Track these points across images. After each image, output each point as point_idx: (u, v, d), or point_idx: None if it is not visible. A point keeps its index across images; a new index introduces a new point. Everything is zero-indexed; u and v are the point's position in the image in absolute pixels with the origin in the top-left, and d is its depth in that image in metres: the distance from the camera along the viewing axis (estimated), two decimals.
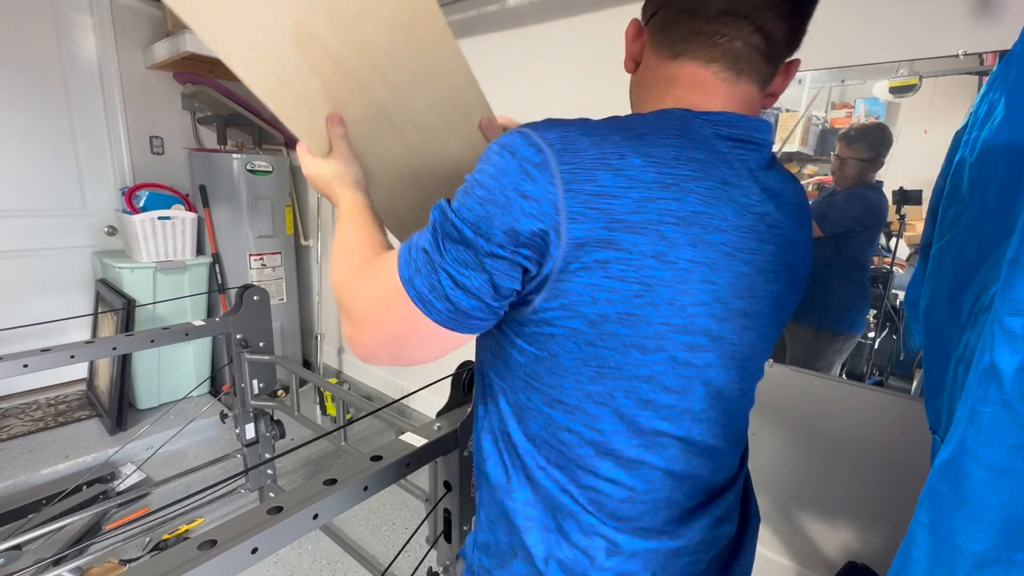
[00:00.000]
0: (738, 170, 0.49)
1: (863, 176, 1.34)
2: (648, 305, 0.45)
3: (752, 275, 0.50)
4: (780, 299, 0.54)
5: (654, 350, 0.47)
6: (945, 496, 0.50)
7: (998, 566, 0.45)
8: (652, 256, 0.44)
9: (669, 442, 0.52)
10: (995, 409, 0.45)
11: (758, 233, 0.50)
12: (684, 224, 0.45)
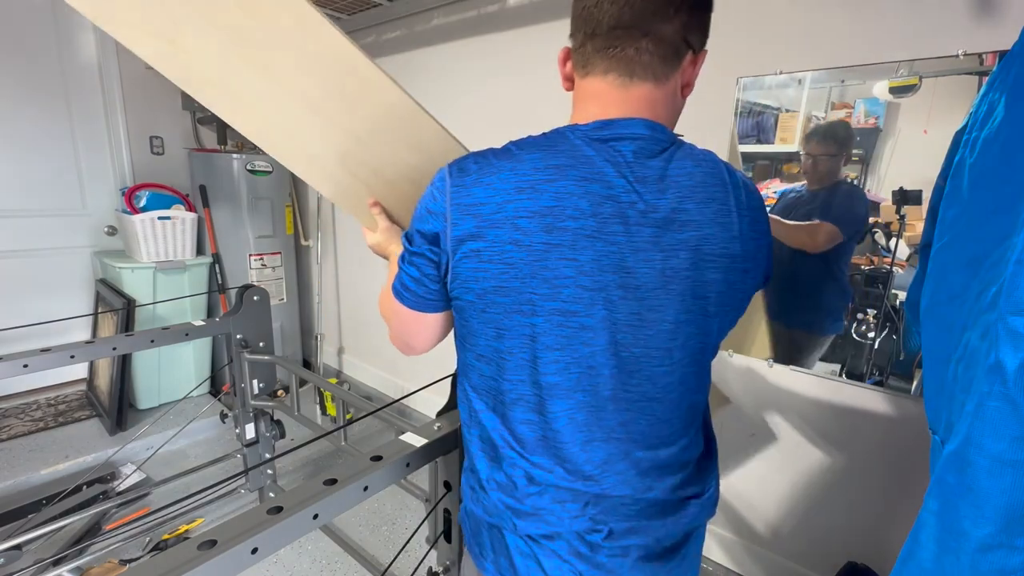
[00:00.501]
0: (601, 168, 0.59)
1: (837, 173, 1.36)
2: (514, 279, 0.59)
3: (622, 253, 0.59)
4: (679, 274, 0.61)
5: (531, 314, 0.60)
6: (951, 485, 0.54)
7: (1000, 550, 0.48)
8: (510, 243, 0.58)
9: (564, 392, 0.63)
10: (999, 403, 0.48)
11: (625, 218, 0.59)
12: (537, 216, 0.58)
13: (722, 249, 0.62)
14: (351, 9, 2.37)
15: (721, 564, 1.74)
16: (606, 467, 0.65)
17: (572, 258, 0.58)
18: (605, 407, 0.64)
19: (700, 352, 0.67)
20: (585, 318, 0.60)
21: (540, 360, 0.62)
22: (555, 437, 0.65)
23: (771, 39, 1.43)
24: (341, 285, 3.17)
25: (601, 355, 0.62)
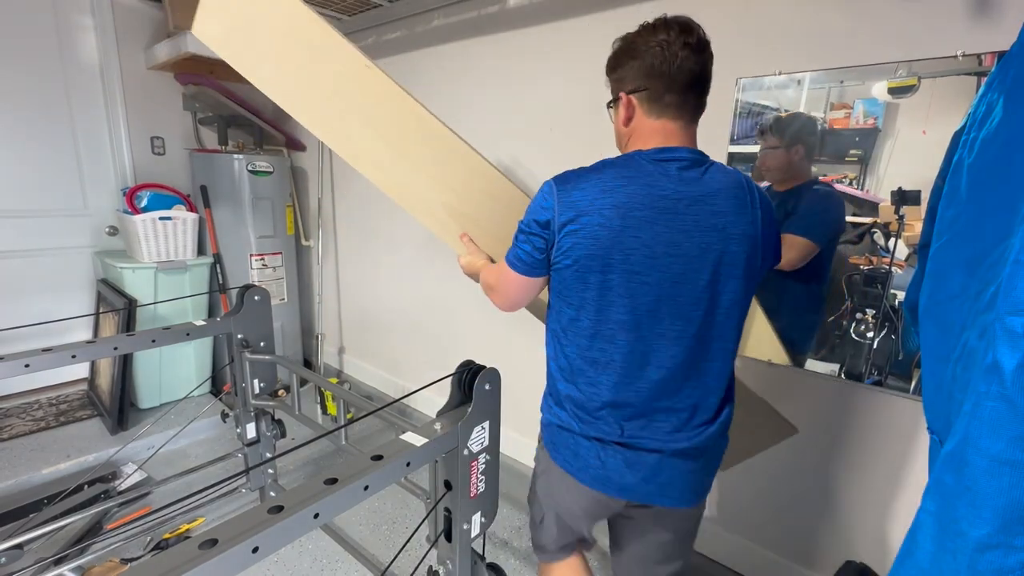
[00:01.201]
0: (656, 177, 0.89)
1: (805, 172, 1.38)
2: (599, 249, 0.88)
3: (672, 233, 0.88)
4: (712, 247, 0.89)
5: (608, 272, 0.89)
6: (949, 485, 0.54)
7: (998, 550, 0.48)
8: (596, 226, 0.87)
9: (628, 328, 0.91)
10: (997, 403, 0.48)
11: (675, 211, 0.88)
12: (615, 208, 0.87)
13: (742, 231, 0.90)
14: (352, 10, 2.37)
15: (721, 563, 1.74)
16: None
17: (637, 235, 0.87)
18: (655, 345, 0.92)
19: (728, 306, 0.93)
20: (646, 276, 0.89)
21: (613, 305, 0.90)
22: (620, 361, 0.93)
23: (770, 40, 1.43)
24: (342, 285, 3.17)
25: (656, 304, 0.90)
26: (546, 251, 0.94)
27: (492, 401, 1.02)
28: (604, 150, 1.85)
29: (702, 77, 0.93)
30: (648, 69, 0.91)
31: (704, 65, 0.92)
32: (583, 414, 0.97)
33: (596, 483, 0.98)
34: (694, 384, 0.94)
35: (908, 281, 1.14)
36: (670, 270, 0.88)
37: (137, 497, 2.01)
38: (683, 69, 0.89)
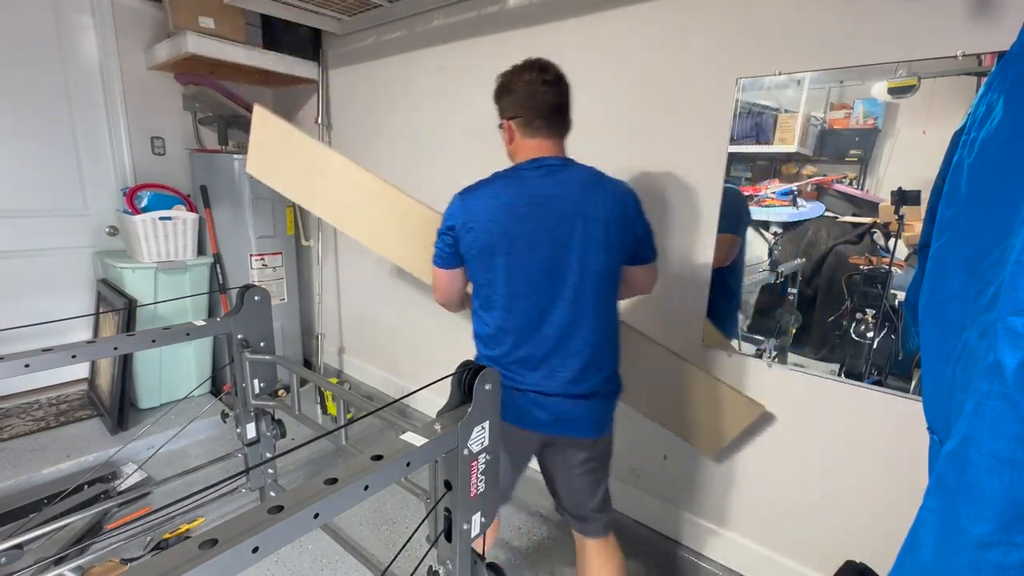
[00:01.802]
0: (532, 180, 1.17)
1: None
2: (492, 239, 1.16)
3: (545, 220, 1.15)
4: (576, 227, 1.15)
5: (502, 255, 1.16)
6: (951, 483, 0.54)
7: (999, 547, 0.49)
8: (488, 222, 1.16)
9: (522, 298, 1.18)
10: (998, 403, 0.49)
11: (547, 203, 1.15)
12: (502, 208, 1.15)
13: (595, 214, 1.16)
14: (352, 10, 2.37)
15: (720, 563, 1.74)
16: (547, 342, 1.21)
17: (520, 225, 1.15)
18: (546, 310, 1.19)
19: (597, 272, 1.18)
20: (530, 255, 1.16)
21: (509, 280, 1.18)
22: (521, 324, 1.20)
23: (770, 40, 1.43)
24: (342, 285, 3.17)
25: (541, 278, 1.17)
26: (455, 247, 1.22)
27: (492, 401, 1.02)
28: (603, 149, 1.85)
29: (561, 105, 1.20)
30: (519, 102, 1.19)
31: (560, 96, 1.20)
32: (502, 370, 1.22)
33: (517, 421, 1.22)
34: (581, 338, 1.20)
35: (908, 281, 1.14)
36: (547, 249, 1.16)
37: (137, 497, 2.01)
38: (545, 101, 1.17)
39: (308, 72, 2.84)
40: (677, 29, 1.60)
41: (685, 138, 1.63)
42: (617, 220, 1.18)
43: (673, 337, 1.75)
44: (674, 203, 1.68)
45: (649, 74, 1.69)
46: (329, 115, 2.96)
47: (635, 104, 1.73)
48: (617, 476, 2.00)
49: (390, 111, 2.59)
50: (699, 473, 1.76)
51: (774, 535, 1.63)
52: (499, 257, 1.16)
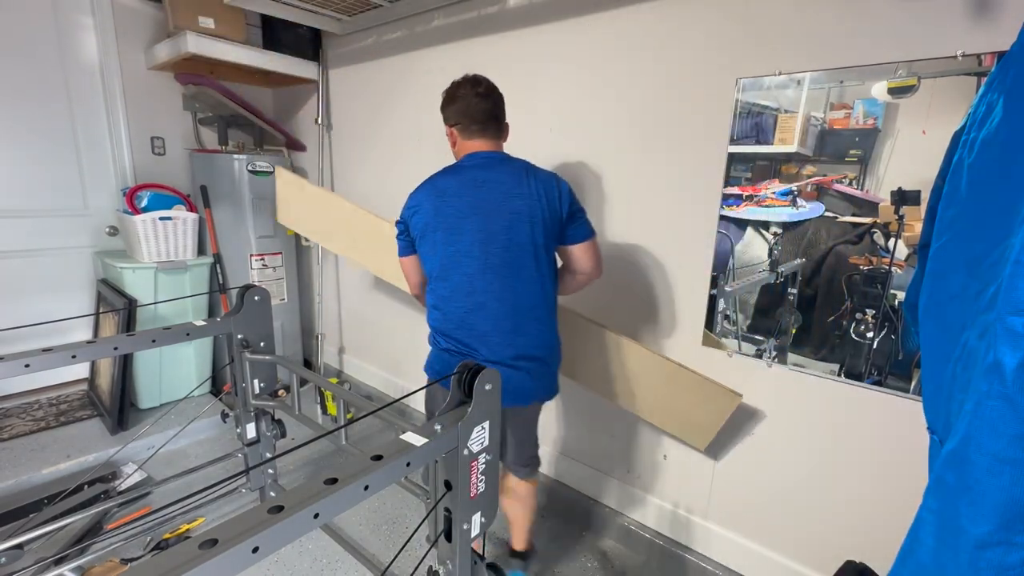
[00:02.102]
0: (468, 169, 1.38)
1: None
2: (432, 219, 1.38)
3: (475, 199, 1.34)
4: (502, 205, 1.34)
5: (439, 231, 1.37)
6: (950, 483, 0.54)
7: (999, 547, 0.49)
8: (427, 207, 1.38)
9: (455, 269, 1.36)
10: (998, 403, 0.48)
11: (477, 185, 1.35)
12: (439, 194, 1.38)
13: (519, 192, 1.35)
14: (352, 10, 2.37)
15: (720, 563, 1.74)
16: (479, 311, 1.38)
17: (452, 205, 1.35)
18: (475, 277, 1.36)
19: (523, 243, 1.36)
20: (460, 229, 1.35)
21: (445, 254, 1.37)
22: (458, 294, 1.37)
23: (770, 40, 1.43)
24: (342, 285, 3.17)
25: (470, 247, 1.35)
26: (407, 234, 1.45)
27: (492, 401, 1.02)
28: (603, 149, 1.85)
29: (493, 113, 1.42)
30: (458, 111, 1.42)
31: (492, 105, 1.42)
32: (444, 338, 1.42)
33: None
34: (511, 306, 1.36)
35: (908, 281, 1.14)
36: (476, 223, 1.34)
37: (137, 497, 2.01)
38: (479, 109, 1.40)
39: (308, 72, 2.84)
40: (677, 29, 1.61)
41: (685, 138, 1.63)
42: (543, 199, 1.36)
43: (674, 337, 1.75)
44: (674, 203, 1.69)
45: (649, 74, 1.69)
46: (329, 115, 2.96)
47: (635, 104, 1.73)
48: (618, 476, 2.00)
49: (390, 111, 2.59)
50: (699, 473, 1.76)
51: (774, 535, 1.63)
52: (437, 233, 1.37)
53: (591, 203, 1.89)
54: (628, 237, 1.82)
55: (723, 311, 1.62)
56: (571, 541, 1.98)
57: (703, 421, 1.65)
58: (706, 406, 1.63)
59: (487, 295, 1.35)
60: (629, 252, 1.82)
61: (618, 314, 1.89)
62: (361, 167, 2.84)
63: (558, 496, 2.15)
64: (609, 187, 1.84)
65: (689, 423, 1.68)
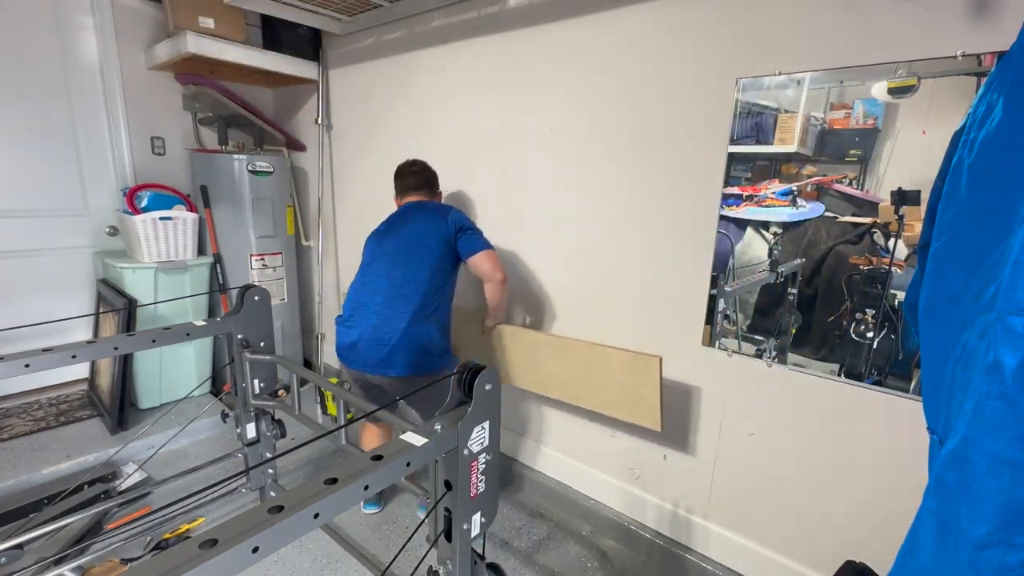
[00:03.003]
0: (403, 213, 1.98)
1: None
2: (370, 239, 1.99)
3: (394, 229, 1.93)
4: (412, 235, 1.87)
5: (368, 247, 1.98)
6: (950, 483, 0.54)
7: (999, 548, 0.49)
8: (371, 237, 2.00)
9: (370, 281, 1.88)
10: (998, 403, 0.48)
11: (399, 221, 1.95)
12: (384, 231, 1.97)
13: (427, 228, 1.86)
14: (352, 10, 2.37)
15: (720, 563, 1.74)
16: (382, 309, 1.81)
17: (379, 237, 1.95)
18: (384, 284, 1.82)
19: (418, 265, 1.81)
20: (379, 247, 1.91)
21: (363, 261, 1.96)
22: (355, 289, 1.90)
23: (770, 40, 1.43)
24: (342, 285, 3.17)
25: (380, 264, 1.87)
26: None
27: (492, 401, 1.02)
28: (603, 148, 1.85)
29: (423, 180, 2.03)
30: (399, 183, 2.05)
31: (421, 177, 2.02)
32: (342, 323, 1.87)
33: (344, 360, 1.86)
34: (390, 306, 1.78)
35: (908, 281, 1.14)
36: (391, 243, 1.88)
37: (137, 497, 2.01)
38: (411, 182, 2.02)
39: (308, 72, 2.84)
40: (677, 29, 1.61)
41: (685, 138, 1.63)
42: (432, 224, 1.86)
43: (674, 337, 1.75)
44: (674, 203, 1.69)
45: (649, 73, 1.69)
46: (329, 115, 2.97)
47: (635, 103, 1.73)
48: (618, 476, 2.00)
49: (390, 111, 2.59)
50: (699, 473, 1.76)
51: (774, 535, 1.63)
52: (370, 239, 1.98)
53: (591, 203, 1.89)
54: (628, 237, 1.82)
55: (723, 311, 1.62)
56: (572, 540, 1.98)
57: (644, 395, 1.70)
58: (639, 378, 1.69)
59: (376, 294, 1.82)
60: (629, 252, 1.82)
61: (618, 314, 1.89)
62: (361, 167, 2.84)
63: (558, 496, 2.16)
64: (609, 186, 1.84)
65: (634, 403, 1.73)
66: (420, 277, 1.79)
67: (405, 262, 1.82)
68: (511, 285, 2.26)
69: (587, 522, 2.06)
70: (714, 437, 1.70)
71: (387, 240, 1.89)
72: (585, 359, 1.84)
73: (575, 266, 1.99)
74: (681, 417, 1.77)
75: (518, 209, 2.14)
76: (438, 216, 1.88)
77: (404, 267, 1.81)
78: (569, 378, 1.90)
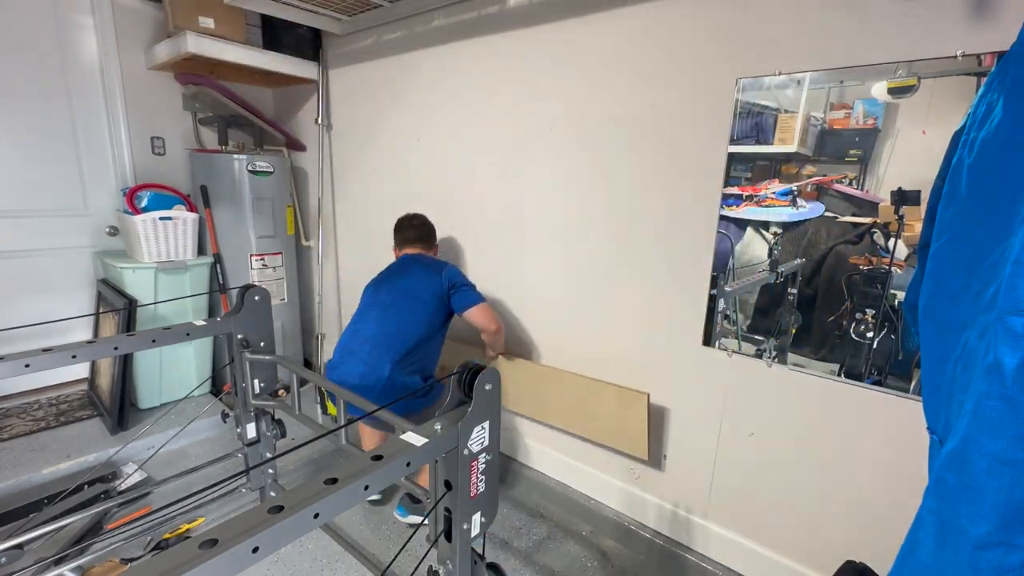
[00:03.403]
0: (405, 263, 2.09)
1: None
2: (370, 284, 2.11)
3: (391, 280, 2.05)
4: (406, 286, 1.99)
5: (366, 294, 2.09)
6: (950, 483, 0.54)
7: (999, 548, 0.49)
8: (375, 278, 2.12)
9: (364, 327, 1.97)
10: (998, 403, 0.48)
11: (396, 272, 2.08)
12: (381, 280, 2.09)
13: (420, 279, 1.99)
14: (352, 10, 2.37)
15: (720, 563, 1.74)
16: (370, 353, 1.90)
17: (379, 280, 2.09)
18: (374, 333, 1.92)
19: (409, 313, 1.93)
20: (376, 296, 2.02)
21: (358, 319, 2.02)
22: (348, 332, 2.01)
23: (770, 40, 1.43)
24: (342, 285, 3.17)
25: (373, 312, 1.98)
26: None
27: (492, 401, 1.02)
28: (602, 148, 1.85)
29: (422, 234, 2.15)
30: (399, 236, 2.18)
31: (420, 231, 2.15)
32: (332, 368, 1.95)
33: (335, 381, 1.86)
34: (377, 355, 1.85)
35: (908, 281, 1.14)
36: (386, 294, 1.99)
37: (137, 497, 2.01)
38: (410, 235, 2.15)
39: (308, 72, 2.84)
40: (677, 29, 1.61)
41: (685, 138, 1.63)
42: (427, 280, 1.98)
43: (674, 337, 1.75)
44: (674, 203, 1.69)
45: (649, 73, 1.69)
46: (329, 115, 2.97)
47: (635, 103, 1.73)
48: (618, 477, 2.00)
49: (390, 111, 2.59)
50: (699, 473, 1.76)
51: (774, 535, 1.63)
52: (368, 288, 2.09)
53: (591, 203, 1.89)
54: (628, 237, 1.82)
55: (723, 311, 1.62)
56: (572, 540, 1.98)
57: (632, 427, 1.83)
58: (628, 411, 1.83)
59: (366, 337, 1.92)
60: (629, 251, 1.82)
61: (618, 314, 1.89)
62: (361, 167, 2.84)
63: (558, 496, 2.16)
64: (608, 186, 1.84)
65: (623, 433, 1.88)
66: (409, 330, 1.89)
67: (398, 314, 1.92)
68: (512, 294, 2.25)
69: (587, 522, 2.06)
70: (714, 437, 1.70)
71: (384, 290, 2.00)
72: (579, 391, 1.99)
73: (575, 265, 1.99)
74: (681, 417, 1.78)
75: (518, 208, 2.14)
76: (433, 272, 1.99)
77: (396, 319, 1.91)
78: (564, 407, 2.06)
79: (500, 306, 2.29)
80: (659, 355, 1.80)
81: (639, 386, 1.84)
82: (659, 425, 1.83)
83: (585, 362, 2.01)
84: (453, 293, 1.97)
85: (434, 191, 2.47)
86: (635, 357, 1.86)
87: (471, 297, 1.97)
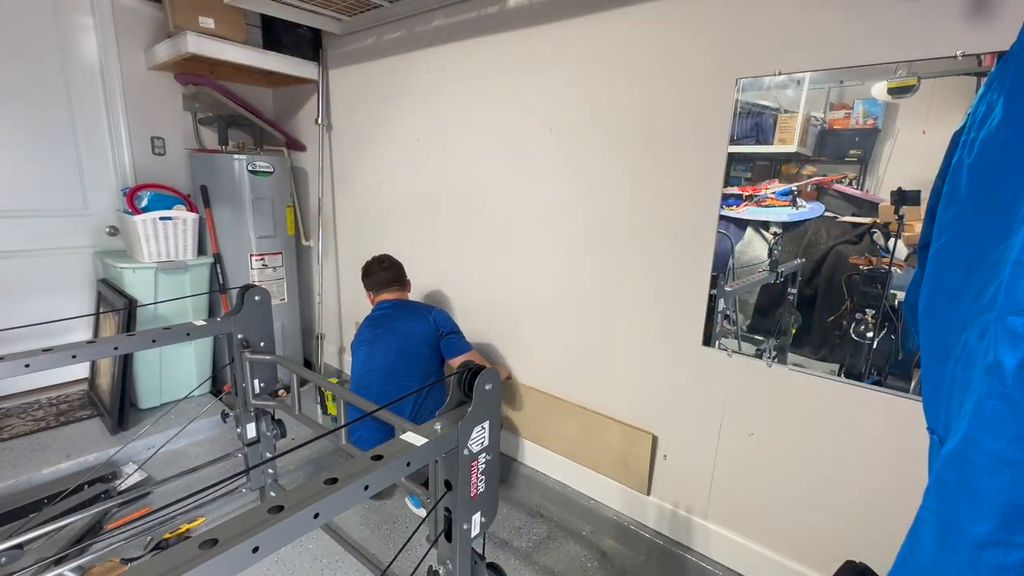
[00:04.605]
0: (389, 315, 2.15)
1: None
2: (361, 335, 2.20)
3: (382, 332, 2.12)
4: (397, 336, 2.09)
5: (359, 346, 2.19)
6: (950, 483, 0.54)
7: (999, 547, 0.49)
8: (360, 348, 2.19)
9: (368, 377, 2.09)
10: (998, 402, 0.49)
11: (383, 322, 2.14)
12: (371, 340, 2.13)
13: (410, 328, 2.09)
14: (352, 10, 2.37)
15: (720, 563, 1.74)
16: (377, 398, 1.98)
17: (367, 332, 2.15)
18: (373, 384, 2.06)
19: (406, 363, 2.06)
20: (370, 349, 2.11)
21: (357, 359, 2.17)
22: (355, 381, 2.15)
23: (770, 40, 1.43)
24: (342, 285, 3.17)
25: (373, 377, 2.07)
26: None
27: (492, 401, 1.02)
28: (602, 148, 1.85)
29: (393, 277, 2.23)
30: (370, 280, 2.24)
31: (390, 273, 2.23)
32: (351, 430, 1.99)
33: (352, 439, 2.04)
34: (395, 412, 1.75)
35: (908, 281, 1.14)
36: (382, 358, 2.05)
37: (137, 497, 2.01)
38: (383, 279, 2.22)
39: (308, 72, 2.84)
40: (677, 29, 1.61)
41: (685, 138, 1.63)
42: (416, 330, 2.07)
43: (673, 337, 1.75)
44: (674, 203, 1.69)
45: (649, 73, 1.69)
46: (329, 115, 2.97)
47: (635, 103, 1.73)
48: (618, 477, 2.00)
49: (390, 111, 2.59)
50: (698, 473, 1.76)
51: (774, 535, 1.63)
52: (360, 347, 2.15)
53: (590, 202, 1.89)
54: (628, 237, 1.82)
55: (723, 311, 1.62)
56: (572, 540, 1.98)
57: (635, 465, 1.88)
58: (632, 448, 1.88)
59: (372, 387, 2.05)
60: (629, 252, 1.82)
61: (618, 314, 1.89)
62: (361, 167, 2.84)
63: (558, 496, 2.16)
64: (609, 186, 1.84)
65: (624, 468, 1.92)
66: (414, 387, 2.03)
67: (396, 381, 2.03)
68: (512, 290, 2.25)
69: (587, 522, 2.06)
70: (714, 437, 1.70)
71: (378, 355, 2.07)
72: (584, 423, 2.03)
73: (575, 265, 1.99)
74: (681, 417, 1.77)
75: (518, 208, 2.14)
76: (421, 320, 2.09)
77: (396, 386, 2.01)
78: (568, 437, 2.10)
79: (500, 302, 2.29)
80: (659, 355, 1.80)
81: (639, 386, 1.84)
82: (659, 425, 1.83)
83: (585, 362, 2.01)
84: (443, 340, 2.09)
85: (435, 190, 2.47)
86: (635, 357, 1.86)
87: (460, 345, 2.10)
